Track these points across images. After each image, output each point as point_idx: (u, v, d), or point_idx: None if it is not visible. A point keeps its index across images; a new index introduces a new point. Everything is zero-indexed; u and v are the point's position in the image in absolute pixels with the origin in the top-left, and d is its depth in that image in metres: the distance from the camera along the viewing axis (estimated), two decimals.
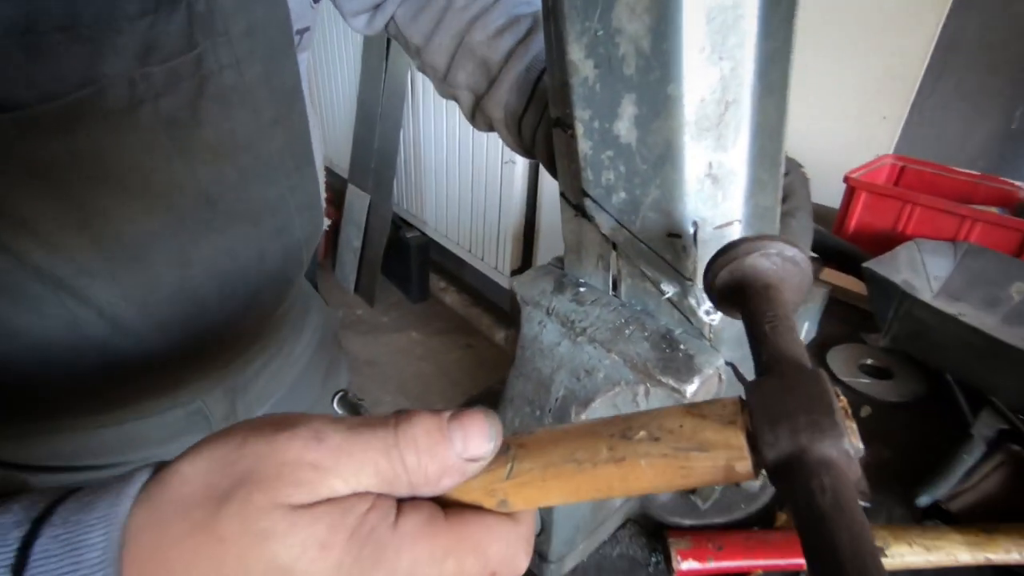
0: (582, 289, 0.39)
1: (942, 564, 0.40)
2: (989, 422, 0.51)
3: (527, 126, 0.44)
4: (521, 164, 1.78)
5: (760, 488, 0.46)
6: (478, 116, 0.49)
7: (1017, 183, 0.77)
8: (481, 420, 0.19)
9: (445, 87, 0.49)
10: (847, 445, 0.16)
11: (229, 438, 0.18)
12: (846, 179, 0.78)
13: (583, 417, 0.35)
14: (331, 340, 0.59)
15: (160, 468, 0.19)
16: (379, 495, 0.18)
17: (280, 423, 0.18)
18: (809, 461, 0.16)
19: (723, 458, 0.18)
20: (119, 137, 0.30)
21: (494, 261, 2.06)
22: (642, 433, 0.19)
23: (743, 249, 0.23)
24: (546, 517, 0.38)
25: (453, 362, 2.14)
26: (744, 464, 0.17)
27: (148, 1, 0.28)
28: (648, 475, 0.18)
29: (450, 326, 2.29)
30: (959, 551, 0.40)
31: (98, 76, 0.28)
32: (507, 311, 2.22)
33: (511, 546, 0.20)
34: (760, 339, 0.21)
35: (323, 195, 0.48)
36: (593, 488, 0.19)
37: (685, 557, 0.40)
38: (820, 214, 0.97)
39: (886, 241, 0.70)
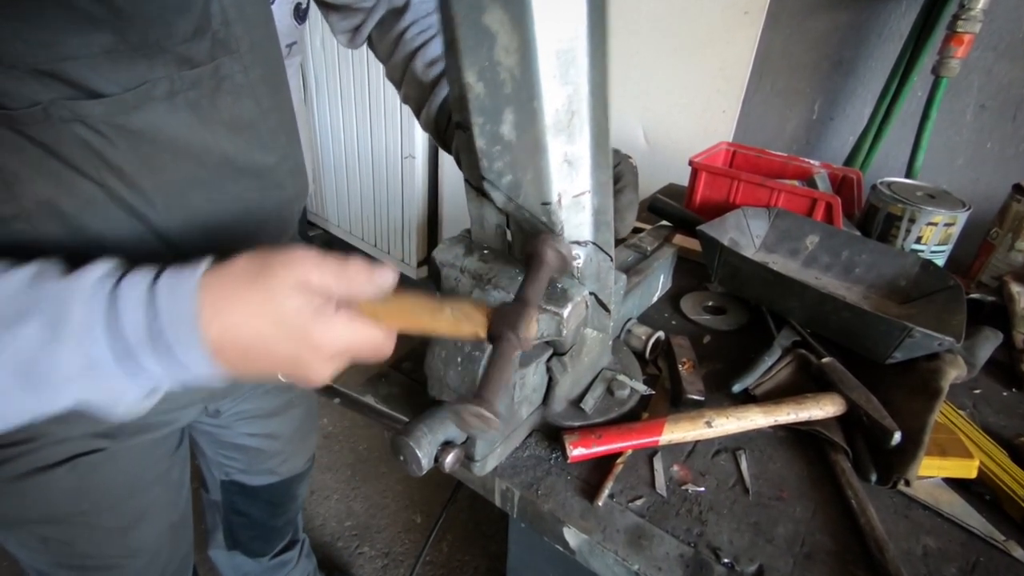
0: (486, 251, 0.51)
1: (747, 428, 0.57)
2: (787, 335, 0.70)
3: (449, 137, 0.59)
4: (421, 158, 1.86)
5: (628, 397, 0.60)
6: (421, 122, 0.64)
7: (811, 162, 1.00)
8: (390, 266, 0.39)
9: (402, 96, 0.66)
10: (520, 335, 0.37)
11: (260, 250, 0.37)
12: (690, 162, 0.97)
13: None
14: None
15: (218, 262, 0.36)
16: (331, 293, 0.36)
17: (286, 248, 0.37)
18: (503, 337, 0.37)
19: (476, 327, 0.38)
20: (167, 114, 0.45)
21: (400, 254, 2.12)
22: (448, 309, 0.39)
23: (539, 239, 0.43)
24: None
25: None
26: (483, 332, 0.38)
27: (188, 33, 0.43)
28: (443, 326, 0.39)
29: None
30: (758, 417, 0.57)
31: (151, 77, 0.43)
32: None
33: (380, 340, 0.38)
34: (521, 285, 0.42)
35: (308, 166, 0.59)
36: (419, 326, 0.39)
37: (576, 446, 0.54)
38: (676, 191, 1.17)
39: (723, 210, 0.88)
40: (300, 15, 0.55)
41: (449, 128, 0.59)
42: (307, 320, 0.36)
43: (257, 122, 0.51)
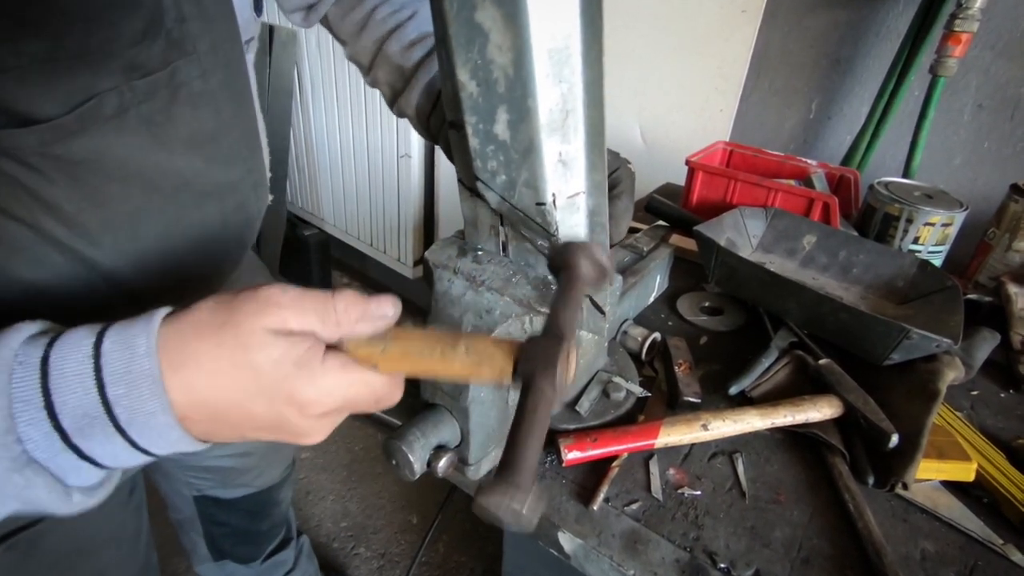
0: (479, 252, 0.50)
1: (744, 431, 0.57)
2: (784, 336, 0.70)
3: (434, 124, 0.55)
4: (417, 157, 1.85)
5: (624, 399, 0.60)
6: (395, 108, 0.59)
7: (809, 161, 0.99)
8: (389, 296, 0.33)
9: (369, 79, 0.60)
10: (554, 382, 0.29)
11: (224, 292, 0.30)
12: (687, 162, 0.96)
13: None
14: None
15: (175, 310, 0.30)
16: (316, 338, 0.30)
17: (258, 284, 0.31)
18: (534, 387, 0.29)
19: (499, 371, 0.31)
20: (115, 136, 0.38)
21: (396, 253, 2.11)
22: (462, 347, 0.32)
23: (570, 248, 0.37)
24: (464, 429, 0.49)
25: None
26: (508, 377, 0.31)
27: (138, 33, 0.36)
28: (457, 369, 0.32)
29: None
30: (755, 420, 0.57)
31: (97, 90, 0.36)
32: (413, 301, 2.28)
33: (380, 387, 0.32)
34: (552, 310, 0.34)
35: (268, 174, 0.56)
36: (428, 370, 0.33)
37: (571, 449, 0.53)
38: (672, 191, 1.17)
39: (720, 210, 0.88)
40: (259, 6, 0.50)
41: (434, 114, 0.55)
42: (288, 374, 0.29)
43: (218, 135, 0.44)
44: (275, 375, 0.29)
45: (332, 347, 0.32)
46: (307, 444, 0.33)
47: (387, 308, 0.32)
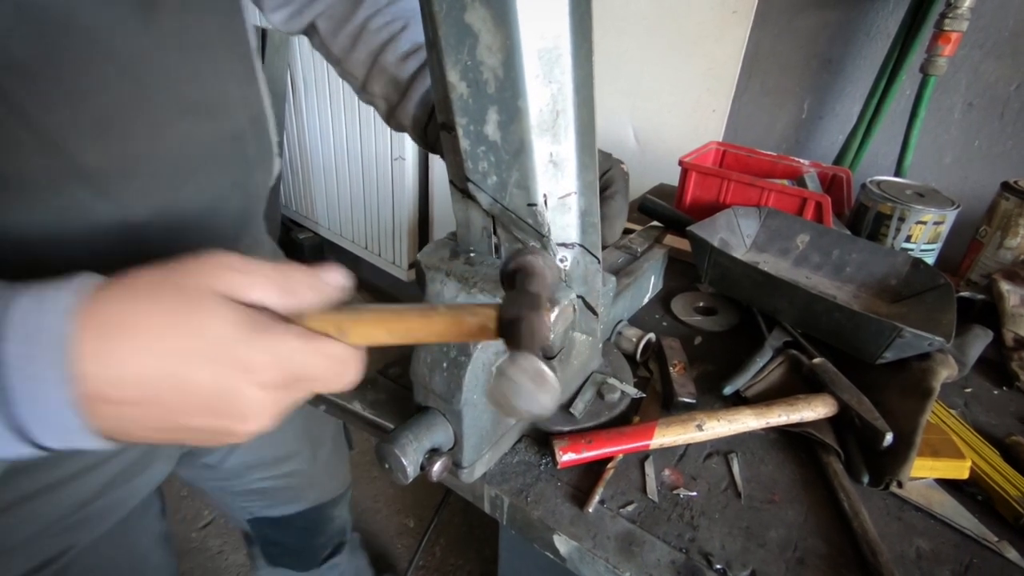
0: (472, 254, 0.50)
1: (739, 431, 0.57)
2: (778, 336, 0.70)
3: (431, 133, 0.55)
4: (411, 160, 1.85)
5: (618, 400, 0.60)
6: (392, 121, 0.58)
7: (801, 161, 1.00)
8: (339, 267, 0.30)
9: (364, 95, 0.59)
10: (542, 320, 0.30)
11: (168, 260, 0.26)
12: (680, 162, 0.96)
13: (478, 345, 0.46)
14: None
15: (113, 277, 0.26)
16: (271, 311, 0.27)
17: (210, 251, 0.27)
18: (521, 322, 0.29)
19: (481, 323, 0.30)
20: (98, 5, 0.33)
21: (391, 256, 2.11)
22: (441, 308, 0.31)
23: (521, 253, 0.38)
24: (457, 432, 0.49)
25: None
26: (493, 326, 0.30)
27: None
28: (438, 326, 0.30)
29: None
30: (749, 420, 0.56)
31: None
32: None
33: (346, 358, 0.29)
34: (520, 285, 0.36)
35: (274, 144, 0.54)
36: (407, 331, 0.30)
37: (565, 451, 0.53)
38: (666, 191, 1.17)
39: (713, 210, 0.88)
40: None
41: (430, 124, 0.55)
42: (240, 339, 0.25)
43: (208, 43, 0.40)
44: (226, 339, 0.25)
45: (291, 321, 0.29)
46: (246, 433, 0.27)
47: (336, 276, 0.30)
